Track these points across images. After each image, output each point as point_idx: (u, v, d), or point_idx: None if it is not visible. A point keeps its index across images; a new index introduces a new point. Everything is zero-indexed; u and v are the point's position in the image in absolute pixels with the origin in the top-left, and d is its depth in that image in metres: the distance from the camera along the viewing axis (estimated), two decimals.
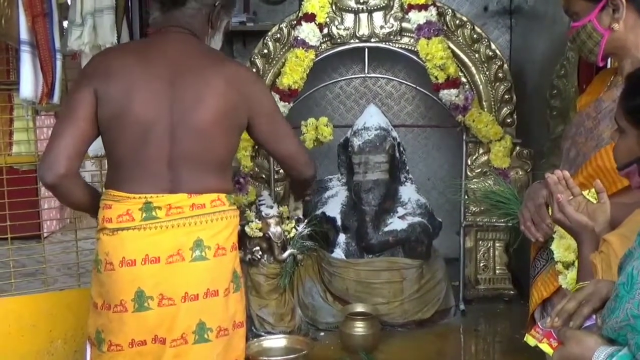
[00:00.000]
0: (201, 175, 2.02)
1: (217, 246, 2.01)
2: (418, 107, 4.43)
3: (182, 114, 2.00)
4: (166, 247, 1.98)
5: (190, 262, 1.99)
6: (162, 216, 1.98)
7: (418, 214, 3.56)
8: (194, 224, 2.00)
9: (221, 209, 2.04)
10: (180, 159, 2.00)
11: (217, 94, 2.02)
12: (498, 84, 3.67)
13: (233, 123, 2.06)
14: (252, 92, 2.10)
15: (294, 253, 3.18)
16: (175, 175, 2.00)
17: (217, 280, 2.02)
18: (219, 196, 2.04)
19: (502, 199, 2.61)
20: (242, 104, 2.06)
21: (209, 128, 2.00)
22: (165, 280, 1.98)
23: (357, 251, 3.48)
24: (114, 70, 2.00)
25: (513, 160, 3.66)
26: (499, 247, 3.78)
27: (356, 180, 3.47)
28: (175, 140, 1.99)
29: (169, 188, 2.00)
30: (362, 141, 3.45)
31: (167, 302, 1.98)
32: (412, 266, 3.44)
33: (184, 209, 2.00)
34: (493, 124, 3.59)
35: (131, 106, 1.99)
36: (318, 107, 4.40)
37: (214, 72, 2.03)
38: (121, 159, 2.03)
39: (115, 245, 2.00)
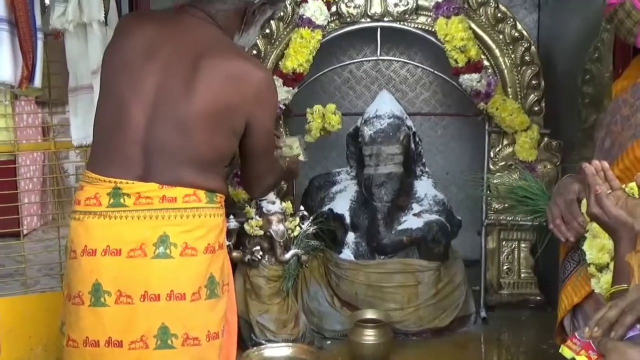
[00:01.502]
0: (177, 167, 2.02)
1: (185, 245, 2.01)
2: (435, 94, 4.41)
3: (165, 101, 2.00)
4: (129, 239, 1.99)
5: (152, 258, 1.99)
6: (130, 205, 2.00)
7: (435, 211, 3.55)
8: (161, 217, 2.00)
9: (195, 205, 2.03)
10: (155, 147, 2.01)
11: (211, 89, 2.01)
12: (524, 68, 3.66)
13: (225, 124, 2.05)
14: (261, 100, 2.09)
15: (298, 253, 3.18)
16: (148, 163, 2.01)
17: (183, 283, 2.01)
18: (195, 192, 2.03)
19: (528, 194, 2.61)
20: (243, 108, 2.06)
21: (191, 122, 2.00)
22: (124, 275, 1.99)
23: (367, 252, 3.48)
24: (123, 32, 2.10)
25: (540, 153, 3.65)
26: (525, 248, 3.77)
27: (367, 173, 3.46)
28: (153, 126, 2.01)
29: (140, 175, 2.01)
30: (374, 130, 3.44)
31: (124, 300, 1.99)
32: (428, 269, 3.44)
33: (153, 200, 2.00)
34: (519, 112, 3.58)
35: (115, 77, 2.04)
36: (325, 93, 4.39)
37: (216, 65, 2.02)
38: (100, 135, 2.08)
39: (80, 232, 2.03)
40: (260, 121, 2.12)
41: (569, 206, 2.07)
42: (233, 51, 2.11)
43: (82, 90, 3.00)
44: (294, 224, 3.21)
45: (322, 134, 3.64)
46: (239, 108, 2.05)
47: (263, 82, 2.09)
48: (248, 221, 3.17)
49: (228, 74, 2.03)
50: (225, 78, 2.02)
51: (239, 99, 2.04)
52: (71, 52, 2.97)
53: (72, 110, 3.04)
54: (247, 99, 2.05)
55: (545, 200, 2.49)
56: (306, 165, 4.51)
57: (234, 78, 2.03)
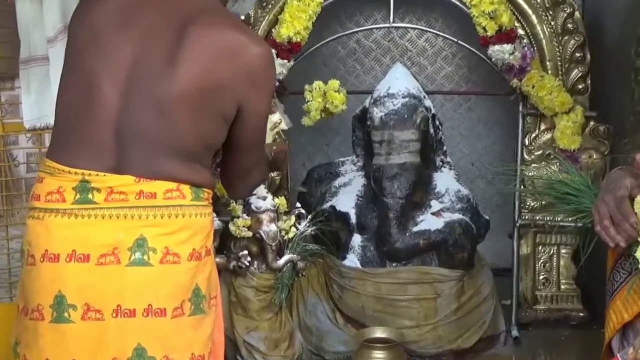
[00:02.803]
0: (157, 156, 2.00)
1: (166, 250, 1.99)
2: (460, 68, 4.41)
3: (143, 77, 1.99)
4: (99, 242, 1.98)
5: (127, 266, 1.97)
6: (100, 201, 1.98)
7: (458, 209, 3.55)
8: (138, 217, 1.98)
9: (178, 202, 2.02)
10: (131, 132, 1.99)
11: (198, 63, 1.99)
12: (567, 39, 3.65)
13: (214, 107, 2.03)
14: (257, 81, 2.08)
15: (293, 259, 3.17)
16: (123, 151, 2.00)
17: (163, 295, 2.00)
18: (179, 186, 2.02)
19: (570, 190, 2.60)
20: (235, 89, 2.04)
21: (173, 104, 1.98)
22: (93, 285, 1.97)
23: (376, 258, 3.48)
24: None
25: (585, 140, 3.64)
26: (565, 254, 3.76)
27: (377, 164, 3.46)
28: (129, 107, 1.99)
29: (113, 166, 2.00)
30: (385, 112, 3.44)
31: (93, 316, 1.97)
32: (449, 278, 3.44)
33: (128, 196, 1.99)
34: (559, 91, 3.57)
35: (83, 49, 2.02)
36: (327, 66, 4.38)
37: (205, 35, 2.01)
38: (64, 117, 2.06)
39: (39, 233, 2.01)
40: (254, 107, 2.11)
41: (619, 204, 2.06)
42: (226, 20, 2.10)
43: (36, 61, 3.00)
44: (289, 224, 3.19)
45: (322, 116, 3.63)
46: (231, 88, 2.03)
47: (261, 59, 2.07)
48: (233, 220, 3.15)
49: (219, 47, 2.01)
50: (215, 51, 2.01)
51: (231, 77, 2.02)
52: (23, 17, 2.96)
53: (24, 85, 3.04)
54: (240, 79, 2.04)
55: (591, 198, 2.48)
56: (303, 153, 4.55)
57: (227, 52, 2.02)
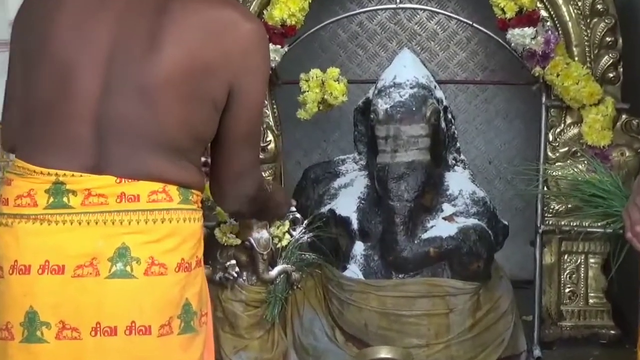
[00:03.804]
0: (141, 153, 1.99)
1: (151, 260, 1.98)
2: (475, 55, 4.40)
3: (123, 61, 1.99)
4: (76, 252, 1.97)
5: (108, 278, 1.96)
6: (76, 205, 1.97)
7: (473, 213, 3.55)
8: (119, 223, 1.97)
9: (165, 206, 2.00)
10: (112, 125, 1.98)
11: (184, 43, 1.99)
12: (596, 21, 3.65)
13: (203, 93, 2.02)
14: (251, 61, 2.07)
15: (287, 270, 3.17)
16: (103, 148, 1.98)
17: (148, 311, 1.99)
18: (165, 188, 2.01)
19: (599, 192, 2.62)
20: (225, 71, 2.03)
21: (158, 89, 1.97)
22: (69, 301, 1.96)
23: (381, 268, 3.47)
24: None
25: (617, 135, 3.64)
26: (594, 264, 3.76)
27: (381, 162, 3.45)
28: (109, 96, 1.98)
29: (91, 165, 1.98)
30: (391, 104, 3.43)
31: (69, 334, 1.96)
32: (463, 292, 3.44)
33: (108, 199, 1.97)
34: (587, 80, 3.56)
35: (53, 33, 2.01)
36: (326, 52, 4.38)
37: (191, 10, 2.01)
38: (33, 111, 2.04)
39: (8, 242, 2.00)
40: (248, 91, 2.08)
41: None
42: None
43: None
44: (282, 230, 3.20)
45: (320, 108, 3.64)
46: (221, 70, 2.02)
47: (254, 37, 2.06)
48: (220, 226, 3.17)
49: (206, 24, 2.01)
50: (202, 29, 2.00)
51: (220, 57, 2.01)
52: None
53: None
54: (231, 59, 2.03)
55: (622, 200, 2.51)
56: (298, 150, 4.55)
57: (215, 29, 2.01)
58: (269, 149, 3.69)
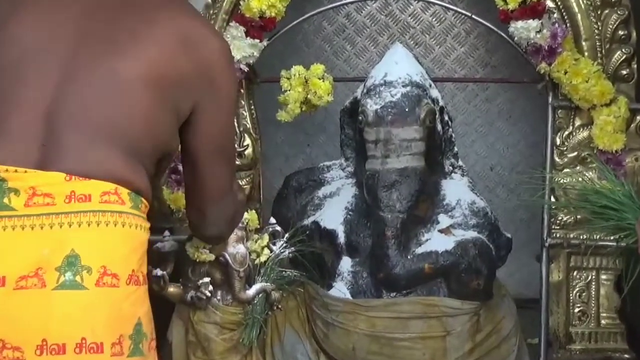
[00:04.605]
0: (95, 146, 2.00)
1: (104, 270, 1.97)
2: (475, 49, 4.42)
3: (94, 54, 2.02)
4: (18, 261, 1.96)
5: (55, 289, 1.95)
6: (19, 207, 1.97)
7: (473, 225, 3.55)
8: (68, 226, 1.97)
9: (117, 208, 2.01)
10: (67, 115, 2.00)
11: (162, 48, 2.05)
12: (607, 12, 3.67)
13: (171, 100, 2.08)
14: (217, 79, 2.15)
15: (266, 289, 3.18)
16: (52, 138, 1.99)
17: (101, 327, 1.98)
18: (117, 189, 2.01)
19: (610, 202, 2.62)
20: (192, 85, 2.10)
21: (135, 83, 2.01)
22: (10, 316, 1.95)
23: (371, 286, 3.47)
24: None
25: (631, 138, 3.66)
26: (606, 281, 3.78)
27: (371, 169, 3.46)
28: (71, 86, 2.00)
29: (37, 159, 1.98)
30: (382, 105, 3.43)
31: (10, 354, 1.94)
32: (462, 312, 3.44)
33: (55, 199, 1.97)
34: (598, 77, 3.58)
35: (11, 15, 2.05)
36: (309, 47, 4.39)
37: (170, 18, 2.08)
38: None
39: None
40: (212, 110, 2.16)
41: None
42: (186, 7, 2.18)
43: None
44: (261, 244, 3.21)
45: (303, 109, 3.65)
46: (192, 84, 2.09)
47: (221, 55, 2.16)
48: (192, 240, 3.16)
49: (183, 35, 2.08)
50: (179, 39, 2.07)
51: (191, 72, 2.08)
52: None
53: None
54: (201, 73, 2.10)
55: (635, 212, 2.52)
56: (279, 156, 4.55)
57: (188, 42, 2.08)
58: (246, 155, 3.70)
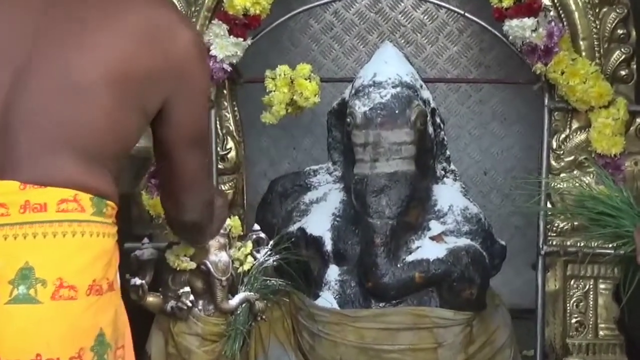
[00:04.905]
0: (53, 154, 1.99)
1: (60, 282, 1.97)
2: (468, 49, 4.42)
3: (49, 50, 2.02)
4: None
5: (8, 304, 1.95)
6: None
7: (465, 232, 3.56)
8: (22, 237, 1.96)
9: (76, 217, 2.00)
10: (23, 120, 1.98)
11: (124, 44, 2.04)
12: (606, 11, 3.68)
13: (135, 99, 2.07)
14: (189, 72, 2.15)
15: (249, 299, 3.18)
16: (6, 147, 1.98)
17: (57, 342, 1.97)
18: (76, 196, 2.00)
19: (607, 208, 2.62)
20: (162, 80, 2.09)
21: (94, 85, 2.00)
22: None
23: (359, 296, 3.47)
24: None
25: (630, 142, 3.67)
26: (605, 290, 3.79)
27: (359, 173, 3.45)
28: (24, 87, 1.99)
29: None
30: (371, 106, 3.43)
31: None
32: (454, 322, 3.44)
33: (9, 210, 1.96)
34: (596, 78, 3.58)
35: None
36: (296, 46, 4.39)
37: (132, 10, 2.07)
38: None
39: None
40: (183, 103, 2.16)
41: None
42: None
43: None
44: (244, 252, 3.21)
45: (289, 111, 3.65)
46: (158, 80, 2.08)
47: (194, 46, 2.15)
48: (172, 248, 3.16)
49: (148, 27, 2.06)
50: (144, 31, 2.06)
51: (160, 66, 2.07)
52: None
53: None
54: (170, 67, 2.09)
55: (633, 219, 2.52)
56: (264, 159, 4.54)
57: (156, 34, 2.07)
58: (229, 158, 3.70)
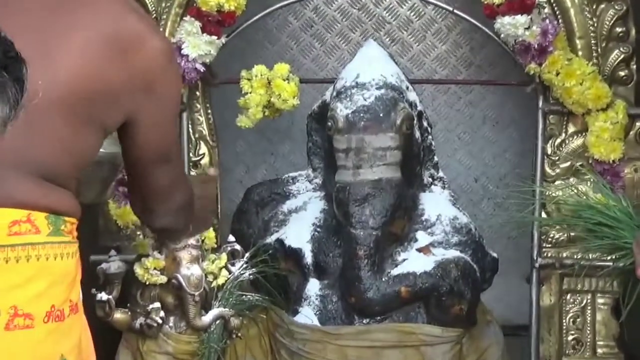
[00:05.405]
0: (4, 176, 1.97)
1: (14, 311, 1.96)
2: (458, 47, 4.43)
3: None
4: None
5: None
6: None
7: (455, 243, 3.56)
8: None
9: (30, 240, 2.00)
10: None
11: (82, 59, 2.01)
12: (603, 8, 3.69)
13: (93, 116, 2.05)
14: (156, 85, 2.13)
15: (224, 315, 3.18)
16: None
17: None
18: (29, 216, 2.00)
19: (606, 219, 2.62)
20: (126, 97, 2.08)
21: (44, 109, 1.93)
22: None
23: (341, 312, 3.47)
24: None
25: (630, 147, 3.68)
26: (603, 305, 3.80)
27: (341, 181, 3.45)
28: None
29: None
30: (353, 109, 3.43)
31: None
32: (442, 340, 3.44)
33: None
34: (593, 79, 3.59)
35: None
36: (273, 45, 4.39)
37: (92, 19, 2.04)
38: None
39: None
40: (150, 118, 2.15)
41: None
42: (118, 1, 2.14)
43: None
44: (219, 265, 3.20)
45: (266, 114, 3.65)
46: (121, 96, 2.07)
47: (162, 57, 2.13)
48: (141, 260, 3.15)
49: (111, 38, 2.04)
50: (106, 43, 2.04)
51: (124, 81, 2.06)
52: None
53: None
54: (135, 83, 2.07)
55: (633, 230, 2.52)
56: (240, 166, 4.54)
57: (120, 45, 2.05)
58: (202, 164, 3.69)
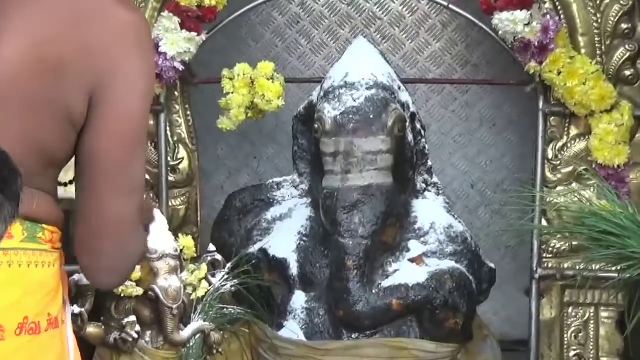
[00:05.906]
0: None
1: None
2: (453, 45, 4.43)
3: None
4: None
5: None
6: None
7: (450, 253, 3.56)
8: None
9: (1, 245, 1.94)
10: None
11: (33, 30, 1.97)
12: (608, 3, 3.69)
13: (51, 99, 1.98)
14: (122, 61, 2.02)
15: (204, 329, 3.18)
16: None
17: None
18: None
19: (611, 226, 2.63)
20: (84, 71, 1.98)
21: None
22: None
23: (328, 326, 3.48)
24: None
25: (635, 151, 3.69)
26: (607, 319, 3.80)
27: (329, 187, 3.45)
28: None
29: None
30: (342, 110, 3.43)
31: None
32: (436, 356, 3.45)
33: None
34: (597, 79, 3.60)
35: None
36: (257, 42, 4.39)
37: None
38: None
39: None
40: (115, 101, 2.03)
41: None
42: None
43: None
44: (198, 276, 3.20)
45: (249, 115, 3.65)
46: (78, 70, 1.98)
47: (128, 29, 2.03)
48: None
49: (68, 7, 1.99)
50: (61, 13, 1.98)
51: (79, 52, 1.98)
52: None
53: None
54: (95, 55, 1.99)
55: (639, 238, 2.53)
56: (221, 170, 4.54)
57: (77, 17, 1.99)
58: (181, 169, 3.69)
